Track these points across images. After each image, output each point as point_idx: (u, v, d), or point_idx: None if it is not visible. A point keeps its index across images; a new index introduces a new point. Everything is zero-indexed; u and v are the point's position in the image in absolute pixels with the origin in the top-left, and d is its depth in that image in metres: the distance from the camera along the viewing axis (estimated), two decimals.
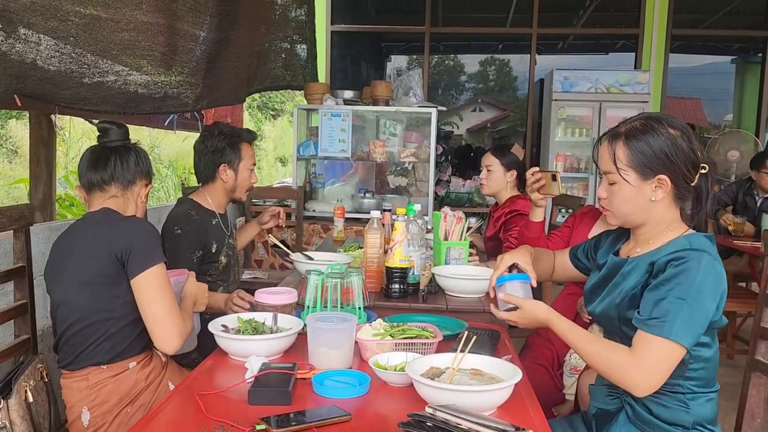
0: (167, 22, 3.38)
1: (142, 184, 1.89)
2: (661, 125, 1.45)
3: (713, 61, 10.77)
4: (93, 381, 1.70)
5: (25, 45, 2.57)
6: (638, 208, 1.48)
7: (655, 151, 1.43)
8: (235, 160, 2.57)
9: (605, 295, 1.54)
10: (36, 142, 4.23)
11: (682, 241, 1.43)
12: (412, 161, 5.01)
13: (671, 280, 1.36)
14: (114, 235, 1.69)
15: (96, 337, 1.70)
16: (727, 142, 6.21)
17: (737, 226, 4.24)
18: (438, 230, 2.59)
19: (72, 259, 1.72)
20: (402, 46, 10.06)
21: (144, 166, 1.89)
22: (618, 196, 1.49)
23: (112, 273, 1.68)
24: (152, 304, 1.67)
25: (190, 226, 2.45)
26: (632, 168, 1.45)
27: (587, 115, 6.10)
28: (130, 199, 1.85)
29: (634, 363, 1.35)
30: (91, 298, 1.69)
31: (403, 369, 1.49)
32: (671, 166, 1.43)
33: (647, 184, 1.46)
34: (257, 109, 16.71)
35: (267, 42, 4.88)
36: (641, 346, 1.36)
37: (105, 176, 1.80)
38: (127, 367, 1.75)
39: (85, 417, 1.69)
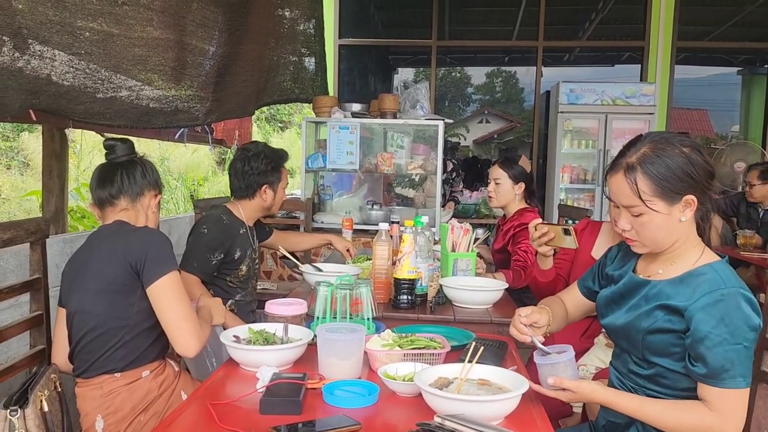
0: (177, 38, 3.45)
1: (151, 195, 1.93)
2: (672, 146, 1.43)
3: (720, 72, 10.77)
4: (107, 389, 1.73)
5: (40, 61, 2.63)
6: (670, 232, 1.46)
7: (678, 174, 1.41)
8: (276, 182, 2.66)
9: (625, 313, 1.53)
10: (48, 155, 4.29)
11: (713, 277, 1.41)
12: (420, 173, 5.04)
13: (720, 326, 1.35)
14: (128, 245, 1.73)
15: (111, 345, 1.74)
16: (733, 154, 6.21)
17: (747, 240, 4.25)
18: (445, 242, 2.62)
19: (88, 269, 1.77)
20: (409, 59, 10.12)
21: (151, 178, 1.93)
22: (648, 226, 1.45)
23: (127, 281, 1.72)
24: (169, 310, 1.71)
25: (217, 229, 2.53)
26: (658, 197, 1.42)
27: (593, 127, 6.13)
28: (140, 210, 1.90)
29: (722, 421, 1.36)
30: (107, 307, 1.73)
31: (411, 379, 1.51)
32: (695, 185, 1.42)
33: (675, 208, 1.43)
34: (265, 121, 16.82)
35: (276, 56, 4.94)
36: (720, 402, 1.36)
37: (113, 191, 1.86)
38: (141, 375, 1.78)
39: (99, 425, 1.71)
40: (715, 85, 11.29)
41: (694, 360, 1.39)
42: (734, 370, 1.34)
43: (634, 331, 1.49)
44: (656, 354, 1.46)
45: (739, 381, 1.35)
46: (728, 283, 1.39)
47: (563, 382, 1.45)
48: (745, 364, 1.36)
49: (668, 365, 1.45)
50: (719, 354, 1.34)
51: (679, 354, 1.43)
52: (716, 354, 1.35)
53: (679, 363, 1.43)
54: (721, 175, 6.16)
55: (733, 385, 1.35)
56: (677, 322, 1.42)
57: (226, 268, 2.57)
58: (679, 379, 1.45)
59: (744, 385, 1.36)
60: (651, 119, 5.95)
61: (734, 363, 1.34)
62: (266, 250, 4.72)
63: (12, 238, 1.68)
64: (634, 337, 1.50)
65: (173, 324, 1.71)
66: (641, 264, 1.59)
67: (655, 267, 1.53)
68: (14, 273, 2.32)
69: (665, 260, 1.51)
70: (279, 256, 4.52)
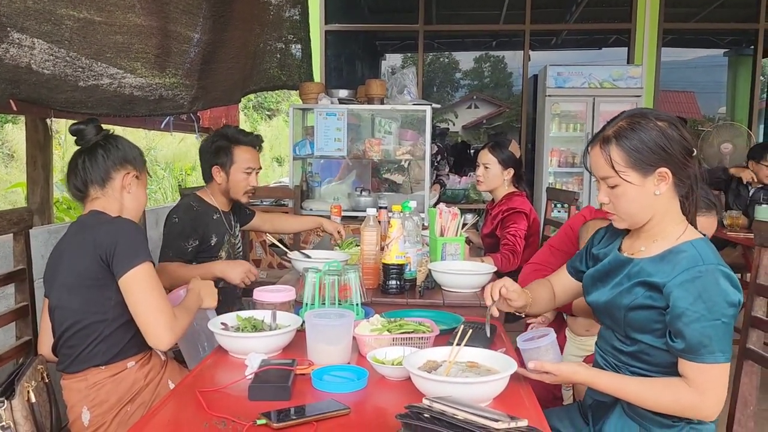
0: (160, 25, 3.40)
1: (121, 176, 1.83)
2: (647, 120, 1.46)
3: (706, 54, 10.81)
4: (92, 381, 1.72)
5: (19, 49, 2.58)
6: (645, 206, 1.48)
7: (650, 146, 1.43)
8: (227, 163, 2.60)
9: (609, 291, 1.54)
10: (32, 146, 4.24)
11: (691, 253, 1.42)
12: (408, 159, 5.03)
13: (698, 302, 1.36)
14: (98, 238, 1.68)
15: (91, 340, 1.72)
16: (720, 135, 6.24)
17: (733, 220, 4.28)
18: (434, 226, 2.62)
19: (62, 264, 1.74)
20: (396, 45, 10.08)
21: (116, 156, 1.82)
22: (623, 198, 1.48)
23: (99, 275, 1.69)
24: (140, 303, 1.66)
25: (188, 216, 2.51)
26: (631, 168, 1.45)
27: (581, 111, 6.13)
28: (113, 196, 1.82)
29: (701, 397, 1.37)
30: (83, 302, 1.71)
31: (400, 363, 1.51)
32: (668, 158, 1.43)
33: (649, 180, 1.45)
34: (253, 109, 16.71)
35: (261, 42, 4.89)
36: (698, 377, 1.38)
37: (78, 183, 1.80)
38: (126, 366, 1.77)
39: (85, 417, 1.71)
40: (701, 67, 11.34)
41: (674, 336, 1.40)
42: (712, 346, 1.36)
43: (616, 308, 1.51)
44: (638, 330, 1.48)
45: (718, 356, 1.36)
46: (707, 259, 1.40)
47: (543, 366, 1.47)
48: (724, 340, 1.37)
49: (650, 342, 1.47)
50: (697, 330, 1.36)
51: (660, 330, 1.45)
52: (694, 330, 1.36)
53: (661, 339, 1.45)
54: (708, 156, 6.19)
55: (711, 360, 1.36)
56: (658, 298, 1.43)
57: (204, 255, 2.55)
58: (661, 355, 1.46)
59: (723, 359, 1.37)
60: (638, 102, 5.96)
61: (712, 339, 1.36)
62: (255, 238, 4.71)
63: None
64: (616, 315, 1.52)
65: (144, 316, 1.67)
66: (626, 242, 1.60)
67: (638, 245, 1.55)
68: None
69: (647, 238, 1.53)
70: (268, 244, 4.51)
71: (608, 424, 1.55)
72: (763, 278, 1.87)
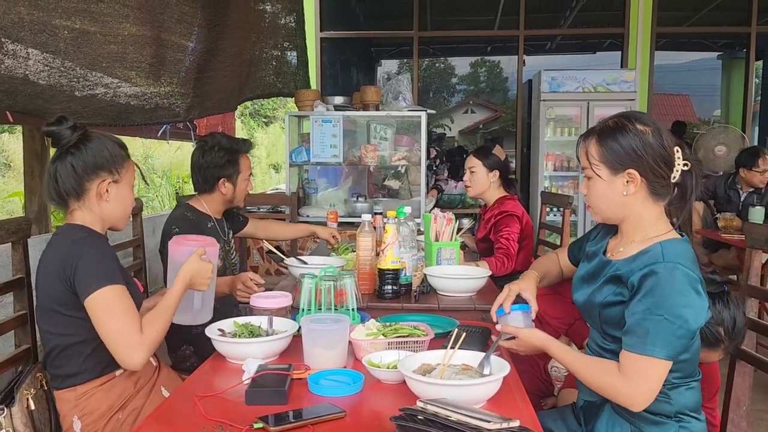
0: (154, 34, 3.43)
1: (95, 186, 1.71)
2: (631, 123, 1.50)
3: (700, 57, 10.87)
4: (81, 391, 1.70)
5: (15, 60, 2.60)
6: (613, 203, 1.53)
7: (624, 147, 1.48)
8: (234, 174, 2.63)
9: (590, 290, 1.59)
10: (30, 156, 4.27)
11: (655, 251, 1.46)
12: (404, 164, 5.06)
13: (647, 296, 1.40)
14: (63, 261, 1.62)
15: (74, 360, 1.68)
16: (714, 138, 6.28)
17: (727, 222, 4.31)
18: (429, 231, 2.64)
19: (38, 286, 1.68)
20: (391, 51, 10.12)
21: (87, 165, 1.69)
22: (593, 191, 1.55)
23: (68, 299, 1.63)
24: (101, 326, 1.60)
25: (186, 225, 2.51)
26: (603, 163, 1.51)
27: (576, 115, 6.17)
28: (91, 207, 1.72)
29: (625, 383, 1.41)
30: (59, 325, 1.66)
31: (395, 367, 1.53)
32: (639, 161, 1.47)
33: (618, 179, 1.50)
34: (249, 116, 16.74)
35: (257, 50, 4.92)
36: (628, 366, 1.41)
37: (54, 196, 1.72)
38: (114, 375, 1.74)
39: (77, 426, 1.69)
40: (695, 71, 11.41)
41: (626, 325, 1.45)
42: (647, 338, 1.38)
43: (592, 306, 1.56)
44: (613, 327, 1.51)
45: (651, 350, 1.38)
46: (667, 257, 1.42)
47: (507, 329, 1.57)
48: (663, 337, 1.37)
49: None
50: (636, 320, 1.40)
51: None
52: (634, 320, 1.41)
53: None
54: (705, 160, 6.23)
55: (641, 351, 1.39)
56: (625, 294, 1.48)
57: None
58: None
59: (655, 354, 1.38)
60: (632, 105, 5.98)
61: (649, 332, 1.38)
62: (252, 245, 4.72)
63: None
64: (592, 313, 1.57)
65: (108, 339, 1.59)
66: (611, 243, 1.64)
67: (619, 246, 1.59)
68: None
69: (626, 239, 1.57)
70: (265, 251, 4.52)
71: (599, 423, 1.57)
72: (755, 280, 1.89)
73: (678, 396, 1.50)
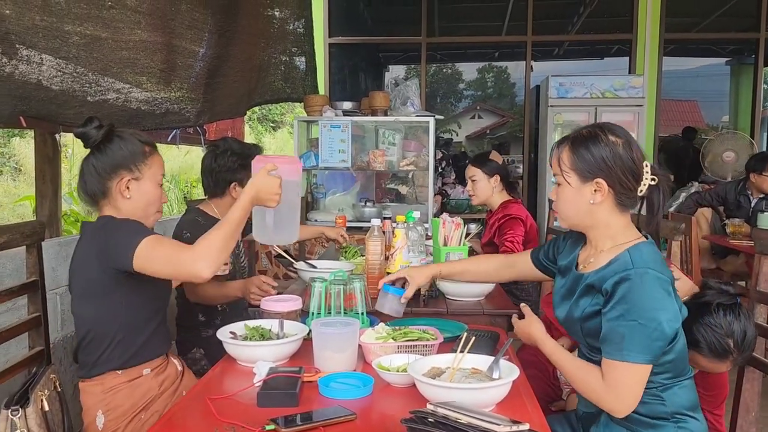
0: (165, 40, 3.46)
1: (115, 185, 1.76)
2: (604, 133, 1.52)
3: (708, 63, 10.86)
4: (108, 385, 1.76)
5: (28, 66, 2.63)
6: (580, 211, 1.56)
7: (594, 156, 1.50)
8: (246, 178, 2.61)
9: (569, 306, 1.60)
10: (41, 160, 4.29)
11: (624, 258, 1.48)
12: (412, 170, 5.08)
13: (620, 303, 1.42)
14: (97, 245, 1.70)
15: (106, 345, 1.75)
16: (722, 144, 6.26)
17: (736, 228, 4.29)
18: (437, 236, 2.65)
19: (75, 274, 1.77)
20: (399, 57, 10.16)
21: (106, 166, 1.75)
22: (561, 196, 1.59)
23: (107, 283, 1.71)
24: (156, 266, 1.64)
25: (198, 231, 2.52)
26: (574, 170, 1.54)
27: (583, 120, 6.15)
28: (115, 204, 1.79)
29: (605, 389, 1.43)
30: (96, 309, 1.74)
31: (405, 370, 1.54)
32: (608, 172, 1.50)
33: (586, 187, 1.53)
34: (257, 121, 16.80)
35: (266, 56, 4.95)
36: (607, 372, 1.44)
37: (83, 194, 1.80)
38: (142, 373, 1.80)
39: (100, 420, 1.74)
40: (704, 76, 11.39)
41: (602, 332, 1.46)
42: (623, 344, 1.40)
43: (572, 321, 1.58)
44: (596, 338, 1.51)
45: (627, 355, 1.40)
46: (636, 263, 1.45)
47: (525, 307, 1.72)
48: (638, 341, 1.39)
49: None
50: (611, 327, 1.42)
51: None
52: (609, 327, 1.43)
53: None
54: (714, 166, 6.22)
55: (618, 358, 1.41)
56: (600, 303, 1.49)
57: None
58: None
59: (631, 359, 1.39)
60: (640, 111, 5.99)
61: (624, 338, 1.40)
62: (261, 249, 4.74)
63: (8, 241, 1.70)
64: (574, 328, 1.59)
65: (169, 271, 1.65)
66: (581, 255, 1.65)
67: (589, 257, 1.60)
68: (11, 277, 2.33)
69: (594, 249, 1.59)
70: (274, 255, 4.54)
71: (596, 430, 1.59)
72: (764, 286, 1.90)
73: (672, 396, 1.51)
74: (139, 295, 1.76)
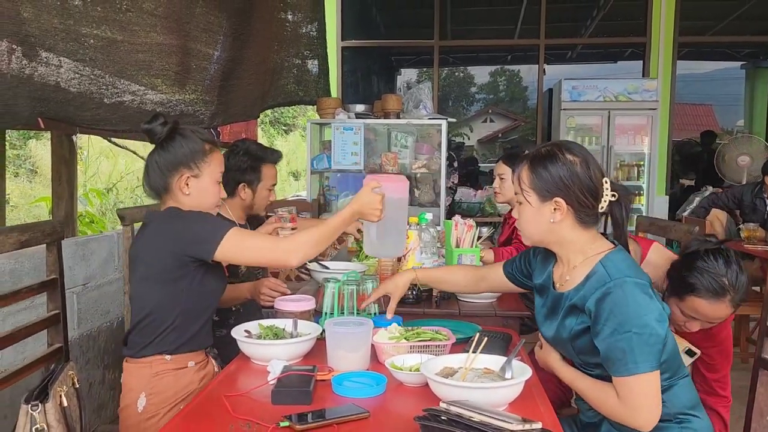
0: (181, 43, 3.50)
1: (175, 182, 1.83)
2: (561, 152, 1.52)
3: (723, 67, 10.79)
4: (156, 370, 1.78)
5: (47, 68, 2.67)
6: (541, 229, 1.56)
7: (553, 176, 1.51)
8: (255, 181, 2.63)
9: (555, 326, 1.60)
10: (58, 162, 4.34)
11: (600, 272, 1.49)
12: (424, 172, 5.09)
13: (610, 319, 1.42)
14: (171, 233, 1.76)
15: (164, 328, 1.78)
16: (737, 148, 6.22)
17: (750, 233, 4.26)
18: (449, 238, 2.65)
19: (141, 259, 1.81)
20: (412, 60, 10.18)
21: (168, 162, 1.81)
22: (522, 215, 1.59)
23: (177, 269, 1.76)
24: (246, 258, 1.80)
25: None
26: (532, 189, 1.54)
27: (596, 124, 6.15)
28: (176, 198, 1.85)
29: (624, 407, 1.43)
30: (160, 293, 1.78)
31: (417, 370, 1.55)
32: (566, 191, 1.50)
33: (546, 206, 1.53)
34: (269, 124, 16.88)
35: (279, 59, 4.99)
36: (621, 390, 1.43)
37: (147, 188, 1.88)
38: (187, 364, 1.82)
39: (141, 403, 1.76)
40: (718, 80, 11.32)
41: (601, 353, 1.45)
42: (626, 358, 1.39)
43: (562, 342, 1.58)
44: (588, 355, 1.52)
45: (633, 367, 1.39)
46: (613, 275, 1.45)
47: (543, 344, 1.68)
48: (640, 350, 1.39)
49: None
50: (609, 346, 1.42)
51: None
52: (606, 346, 1.42)
53: None
54: (729, 170, 6.18)
55: (626, 373, 1.40)
56: (586, 320, 1.49)
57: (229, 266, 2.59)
58: None
59: (641, 370, 1.39)
60: (654, 115, 5.96)
61: (626, 351, 1.39)
62: None
63: (29, 239, 1.73)
64: (565, 347, 1.58)
65: (261, 258, 1.80)
66: (555, 274, 1.65)
67: (564, 274, 1.60)
68: (29, 276, 2.37)
69: (566, 266, 1.59)
70: None
71: None
72: None
73: (672, 397, 1.52)
74: (202, 285, 1.81)
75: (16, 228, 1.74)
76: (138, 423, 1.76)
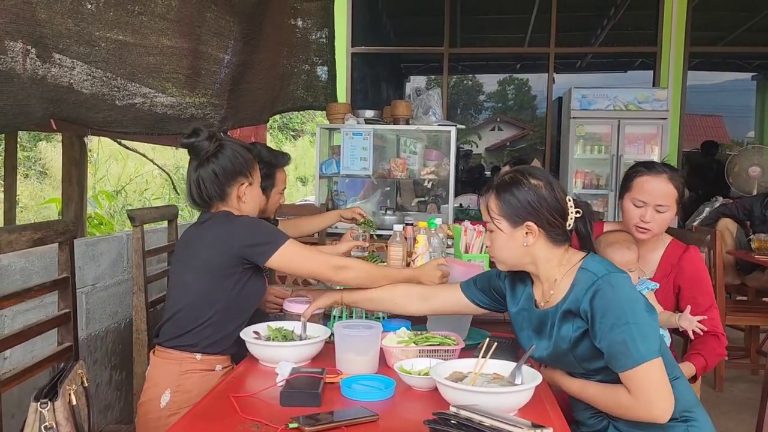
0: (192, 46, 3.52)
1: (235, 190, 1.90)
2: (525, 177, 1.56)
3: (734, 78, 10.75)
4: (185, 368, 1.80)
5: (60, 69, 2.70)
6: (516, 253, 1.59)
7: (521, 201, 1.55)
8: (269, 187, 2.65)
9: (549, 342, 1.59)
10: (68, 163, 4.37)
11: (585, 275, 1.52)
12: (432, 179, 5.09)
13: (606, 315, 1.44)
14: (231, 234, 1.81)
15: (201, 321, 1.80)
16: (748, 159, 6.20)
17: (761, 243, 4.24)
18: (459, 243, 2.65)
19: (193, 251, 1.85)
20: (421, 67, 10.20)
21: (228, 173, 1.88)
22: (495, 243, 1.62)
23: (229, 267, 1.80)
24: (300, 270, 1.96)
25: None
26: (503, 217, 1.57)
27: (606, 133, 6.14)
28: (230, 205, 1.91)
29: (637, 401, 1.43)
30: (206, 286, 1.81)
31: (427, 374, 1.54)
32: (536, 214, 1.54)
33: (518, 231, 1.56)
34: (278, 129, 16.93)
35: (289, 64, 5.01)
36: (631, 384, 1.44)
37: (198, 199, 1.91)
38: (215, 368, 1.84)
39: (165, 398, 1.77)
40: (729, 91, 11.28)
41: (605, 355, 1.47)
42: (629, 349, 1.41)
43: (562, 353, 1.57)
44: (590, 360, 1.52)
45: (637, 357, 1.41)
46: (599, 272, 1.49)
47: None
48: (640, 339, 1.41)
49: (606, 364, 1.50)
50: (610, 342, 1.44)
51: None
52: (608, 342, 1.44)
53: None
54: (739, 181, 6.16)
55: (632, 363, 1.41)
56: (582, 324, 1.50)
57: None
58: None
59: (646, 358, 1.41)
60: (664, 124, 5.95)
61: (627, 343, 1.41)
62: None
63: (42, 238, 1.74)
64: (566, 360, 1.58)
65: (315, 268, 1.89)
66: (536, 294, 1.65)
67: (547, 292, 1.60)
68: (39, 275, 2.38)
69: (546, 282, 1.60)
70: None
71: None
72: None
73: (676, 395, 1.50)
74: (244, 288, 1.84)
75: (29, 226, 1.75)
76: (158, 418, 1.77)
